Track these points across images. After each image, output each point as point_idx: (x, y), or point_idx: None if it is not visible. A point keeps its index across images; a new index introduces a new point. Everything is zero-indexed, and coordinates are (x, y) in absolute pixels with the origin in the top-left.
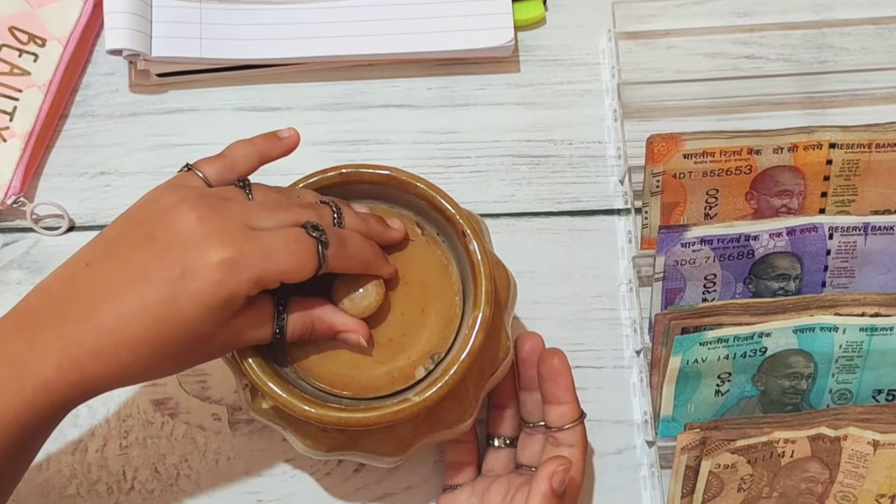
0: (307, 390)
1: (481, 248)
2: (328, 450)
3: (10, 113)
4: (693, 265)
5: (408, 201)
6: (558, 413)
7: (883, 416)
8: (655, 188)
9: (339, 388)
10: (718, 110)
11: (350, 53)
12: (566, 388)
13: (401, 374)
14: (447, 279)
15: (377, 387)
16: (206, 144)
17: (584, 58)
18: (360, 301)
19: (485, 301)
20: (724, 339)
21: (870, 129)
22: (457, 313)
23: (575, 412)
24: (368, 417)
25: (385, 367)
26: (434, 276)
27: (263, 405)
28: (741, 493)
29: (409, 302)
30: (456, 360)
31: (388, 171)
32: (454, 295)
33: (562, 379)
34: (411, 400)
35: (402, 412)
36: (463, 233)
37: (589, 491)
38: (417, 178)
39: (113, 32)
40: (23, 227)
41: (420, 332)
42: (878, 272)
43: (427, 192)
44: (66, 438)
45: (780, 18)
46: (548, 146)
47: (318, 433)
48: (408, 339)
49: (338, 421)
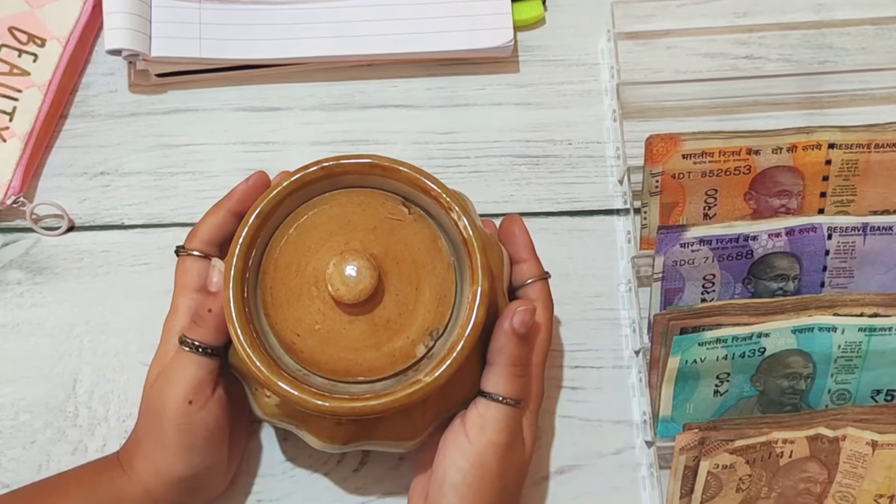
0: (315, 384)
1: (471, 224)
2: (345, 442)
3: (10, 113)
4: (692, 265)
5: (394, 187)
6: (519, 271)
7: (881, 417)
8: (654, 188)
9: (341, 374)
10: (717, 110)
11: (349, 53)
12: (523, 246)
13: (401, 353)
14: (438, 254)
15: (379, 368)
16: (206, 144)
17: (583, 58)
18: (356, 285)
19: (482, 275)
20: (723, 340)
21: (869, 129)
22: (451, 288)
23: (535, 269)
24: (382, 403)
25: (385, 347)
26: (425, 252)
27: (272, 405)
28: (740, 493)
29: (403, 281)
30: (461, 337)
31: (369, 158)
32: (446, 270)
33: (518, 238)
34: (422, 381)
35: (414, 394)
36: (450, 210)
37: (588, 491)
38: (400, 162)
39: (112, 32)
40: (22, 227)
41: (416, 309)
42: (876, 272)
43: (411, 174)
44: (66, 438)
45: (779, 18)
46: (547, 146)
47: (333, 427)
48: (405, 319)
49: (352, 410)
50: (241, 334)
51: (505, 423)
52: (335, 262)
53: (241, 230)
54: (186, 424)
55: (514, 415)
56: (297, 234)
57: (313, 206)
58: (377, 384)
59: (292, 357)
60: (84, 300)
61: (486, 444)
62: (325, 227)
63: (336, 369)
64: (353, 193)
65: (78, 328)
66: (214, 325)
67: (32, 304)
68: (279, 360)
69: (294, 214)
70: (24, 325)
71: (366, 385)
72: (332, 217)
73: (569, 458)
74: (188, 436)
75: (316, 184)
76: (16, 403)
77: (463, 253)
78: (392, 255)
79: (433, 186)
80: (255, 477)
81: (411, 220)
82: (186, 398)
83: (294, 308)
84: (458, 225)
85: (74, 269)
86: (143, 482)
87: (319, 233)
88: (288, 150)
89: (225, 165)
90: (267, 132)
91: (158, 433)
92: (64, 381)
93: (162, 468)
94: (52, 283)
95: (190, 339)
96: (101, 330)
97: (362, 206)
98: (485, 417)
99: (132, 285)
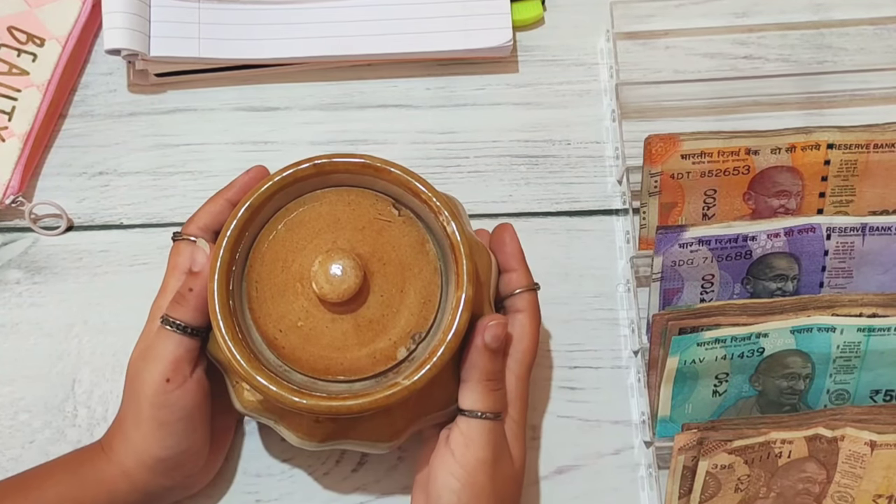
0: (295, 381)
1: (459, 229)
2: (322, 440)
3: (9, 113)
4: (691, 265)
5: (385, 188)
6: (506, 280)
7: (880, 417)
8: (653, 188)
9: (321, 372)
10: (717, 110)
11: (348, 53)
12: (513, 255)
13: (382, 355)
14: (425, 257)
15: (360, 368)
16: (205, 144)
17: (582, 58)
18: (340, 284)
19: (467, 281)
20: (722, 340)
21: (868, 129)
22: (436, 292)
23: (523, 280)
24: (360, 404)
25: (367, 348)
26: (411, 254)
27: (252, 399)
28: (738, 493)
29: (388, 283)
30: (443, 342)
31: (362, 158)
32: (432, 273)
33: (507, 247)
34: (401, 384)
35: (392, 397)
36: (440, 214)
37: (587, 491)
38: (392, 163)
39: (111, 32)
40: (21, 227)
41: (400, 311)
42: (875, 273)
43: (402, 176)
44: (65, 438)
45: (778, 19)
46: (546, 146)
47: (310, 424)
48: (388, 320)
49: (329, 409)
50: (224, 326)
51: (488, 438)
52: (321, 260)
53: (229, 222)
54: (163, 403)
55: (496, 428)
56: (285, 230)
57: (303, 203)
58: (356, 384)
59: (273, 352)
60: (83, 300)
61: (474, 463)
62: (314, 225)
63: (316, 367)
64: (344, 192)
65: (77, 328)
66: (195, 304)
67: (31, 304)
68: (260, 355)
69: (284, 210)
70: (23, 324)
71: (345, 385)
72: (321, 214)
73: (567, 458)
74: (164, 413)
75: (307, 181)
76: (15, 403)
77: (450, 257)
78: (379, 256)
79: (423, 189)
80: (254, 477)
81: (400, 221)
82: (164, 376)
83: (278, 303)
84: (447, 229)
85: (73, 269)
86: (121, 463)
87: (307, 230)
88: (287, 149)
89: (224, 165)
90: (266, 132)
91: (136, 412)
92: (63, 381)
93: (139, 448)
94: (51, 283)
95: (171, 317)
96: (100, 330)
97: (352, 206)
98: (468, 436)
99: (131, 285)
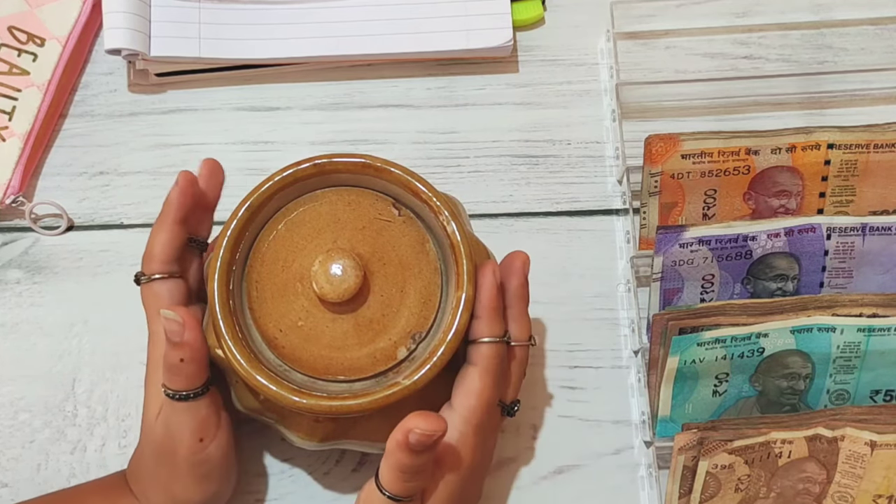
0: (295, 380)
1: (459, 229)
2: (322, 440)
3: (9, 112)
4: (691, 265)
5: (385, 187)
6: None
7: (880, 417)
8: (654, 188)
9: (321, 372)
10: (717, 111)
11: (349, 53)
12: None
13: (382, 354)
14: (425, 257)
15: (360, 368)
16: (205, 144)
17: (582, 58)
18: (340, 284)
19: (467, 281)
20: (722, 340)
21: (868, 129)
22: (436, 292)
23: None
24: (360, 404)
25: (366, 348)
26: (411, 254)
27: (252, 399)
28: (738, 493)
29: (388, 282)
30: (443, 342)
31: (362, 158)
32: (432, 273)
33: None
34: (401, 384)
35: (392, 397)
36: (440, 214)
37: (587, 491)
38: (392, 163)
39: (112, 32)
40: (21, 227)
41: (399, 311)
42: (875, 273)
43: (402, 176)
44: (65, 438)
45: (778, 19)
46: (546, 146)
47: (310, 424)
48: (388, 320)
49: (329, 409)
50: (224, 326)
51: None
52: (321, 259)
53: (229, 222)
54: (202, 461)
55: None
56: (285, 230)
57: (304, 203)
58: (356, 384)
59: (274, 352)
60: (83, 300)
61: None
62: (314, 224)
63: (317, 367)
64: (345, 192)
65: (77, 327)
66: (192, 370)
67: (31, 304)
68: (260, 355)
69: (284, 210)
70: (23, 324)
71: (345, 384)
72: (321, 214)
73: (567, 458)
74: (204, 468)
75: (308, 180)
76: (15, 403)
77: (450, 257)
78: (379, 256)
79: (423, 189)
80: (254, 477)
81: (400, 221)
82: (197, 437)
83: (278, 303)
84: (447, 229)
85: (73, 269)
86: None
87: (308, 229)
88: (287, 149)
89: (224, 165)
90: (266, 132)
91: (173, 469)
92: (63, 381)
93: (180, 499)
94: (52, 283)
95: (174, 390)
96: (100, 329)
97: (352, 206)
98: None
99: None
